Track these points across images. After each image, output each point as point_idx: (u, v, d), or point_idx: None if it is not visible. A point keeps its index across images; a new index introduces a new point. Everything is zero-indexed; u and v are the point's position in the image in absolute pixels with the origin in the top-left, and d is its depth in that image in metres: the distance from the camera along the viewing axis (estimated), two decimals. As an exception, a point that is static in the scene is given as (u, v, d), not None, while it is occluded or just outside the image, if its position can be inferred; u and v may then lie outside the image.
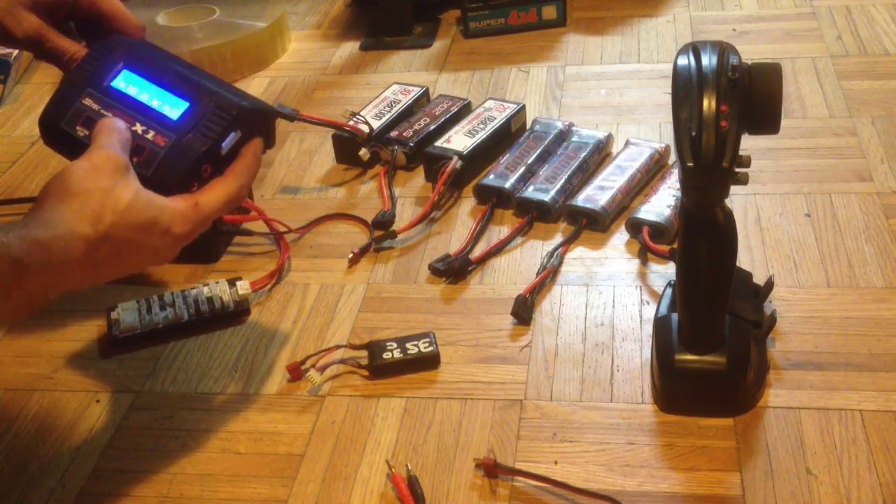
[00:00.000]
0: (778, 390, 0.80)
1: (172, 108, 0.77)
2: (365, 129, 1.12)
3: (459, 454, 0.77)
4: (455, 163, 1.05)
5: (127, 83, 0.78)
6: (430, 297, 0.94)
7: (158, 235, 0.71)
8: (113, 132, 0.73)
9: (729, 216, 0.75)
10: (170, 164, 0.75)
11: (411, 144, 1.11)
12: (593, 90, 1.26)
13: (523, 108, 1.16)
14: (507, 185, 1.04)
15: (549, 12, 1.41)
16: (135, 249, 0.70)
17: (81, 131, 0.76)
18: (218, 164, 0.77)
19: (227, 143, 0.77)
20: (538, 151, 1.08)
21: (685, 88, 0.70)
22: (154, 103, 0.77)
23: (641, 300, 0.91)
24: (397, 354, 0.85)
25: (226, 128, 0.76)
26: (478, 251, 0.98)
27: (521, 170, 1.05)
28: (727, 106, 0.69)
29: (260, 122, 0.81)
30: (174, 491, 0.77)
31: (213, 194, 0.75)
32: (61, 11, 0.80)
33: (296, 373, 0.85)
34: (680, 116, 0.70)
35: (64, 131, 0.77)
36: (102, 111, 0.77)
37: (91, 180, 0.68)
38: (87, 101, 0.77)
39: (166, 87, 0.78)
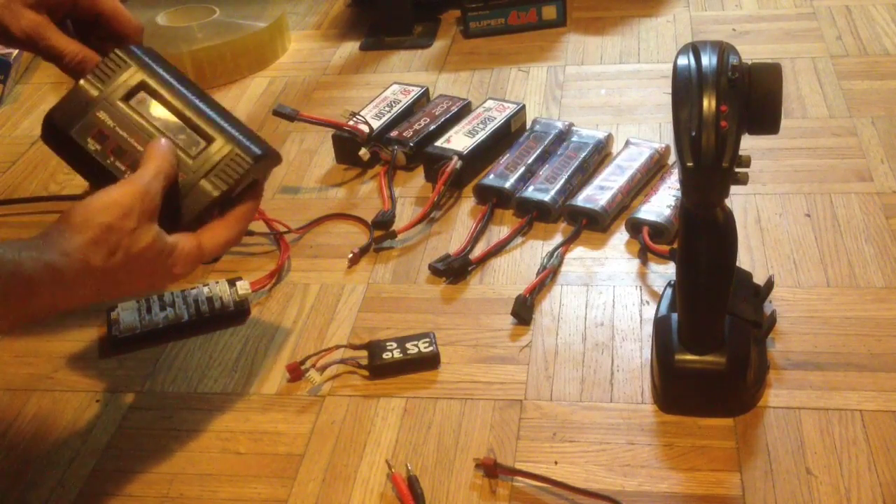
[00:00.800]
0: (778, 390, 0.80)
1: (191, 143, 0.76)
2: (365, 129, 1.12)
3: (459, 454, 0.77)
4: (455, 163, 1.05)
5: (144, 105, 0.77)
6: (430, 297, 0.94)
7: (160, 275, 0.73)
8: (165, 162, 0.73)
9: (729, 216, 0.75)
10: (185, 203, 0.75)
11: (411, 144, 1.11)
12: (593, 90, 1.26)
13: (523, 108, 1.16)
14: (507, 185, 1.04)
15: (549, 12, 1.41)
16: (136, 282, 0.72)
17: (93, 145, 0.75)
18: (226, 204, 0.77)
19: (240, 188, 0.77)
20: (538, 151, 1.08)
21: (685, 88, 0.70)
22: (172, 134, 0.76)
23: (641, 300, 0.91)
24: (397, 354, 0.85)
25: (243, 176, 0.76)
26: (478, 251, 0.98)
27: (521, 170, 1.05)
28: (727, 106, 0.69)
29: (268, 165, 0.81)
30: (174, 491, 0.77)
31: (216, 238, 0.76)
32: (61, 10, 0.80)
33: (296, 373, 0.85)
34: (680, 116, 0.70)
35: (73, 140, 0.76)
36: (118, 129, 0.76)
37: (118, 218, 0.69)
38: (102, 115, 0.76)
39: (184, 119, 0.77)
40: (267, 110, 1.26)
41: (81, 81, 0.77)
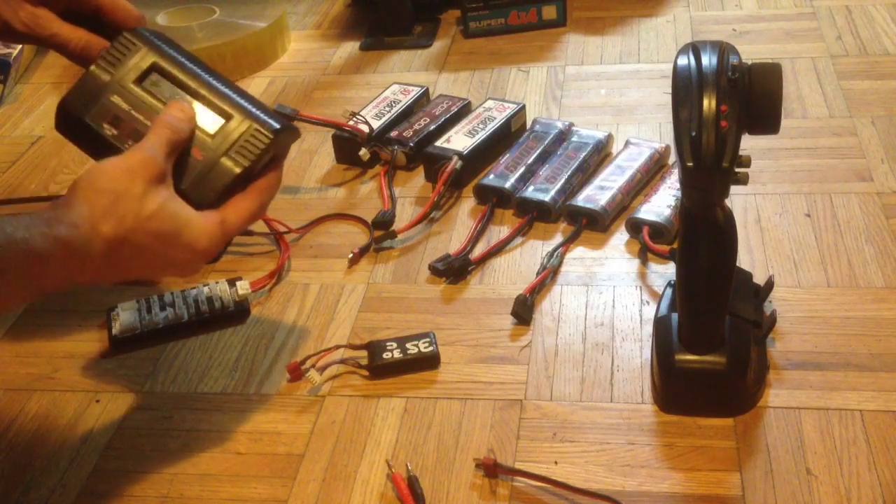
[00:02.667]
0: (778, 390, 0.80)
1: (208, 121, 0.76)
2: (365, 129, 1.12)
3: (459, 454, 0.77)
4: (455, 163, 1.05)
5: (158, 85, 0.77)
6: (430, 297, 0.94)
7: (180, 249, 0.71)
8: (167, 130, 0.72)
9: (729, 216, 0.75)
10: (207, 181, 0.74)
11: (411, 144, 1.11)
12: (593, 90, 1.26)
13: (523, 108, 1.16)
14: (507, 185, 1.04)
15: (549, 12, 1.41)
16: (153, 257, 0.70)
17: (109, 130, 0.75)
18: (248, 181, 0.76)
19: (261, 164, 0.76)
20: (538, 151, 1.08)
21: (685, 88, 0.70)
22: None
23: (641, 300, 0.91)
24: (397, 354, 0.85)
25: (264, 151, 0.75)
26: (478, 251, 0.98)
27: (521, 170, 1.05)
28: (727, 106, 0.69)
29: (288, 141, 0.80)
30: (174, 491, 0.77)
31: (238, 212, 0.74)
32: (60, 2, 0.80)
33: (296, 373, 0.85)
34: (680, 116, 0.70)
35: (88, 125, 0.76)
36: (132, 111, 0.76)
37: (122, 182, 0.68)
38: (116, 99, 0.76)
39: (200, 98, 0.77)
40: (267, 110, 1.26)
41: (92, 67, 0.77)
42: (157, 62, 0.77)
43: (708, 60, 0.70)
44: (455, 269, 0.95)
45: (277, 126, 0.77)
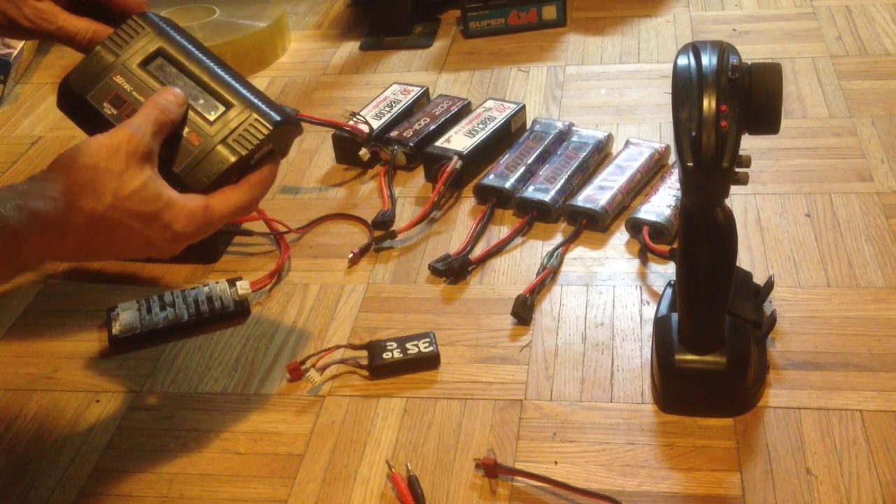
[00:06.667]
0: (778, 390, 0.80)
1: (209, 108, 0.76)
2: (365, 129, 1.12)
3: (459, 454, 0.77)
4: (455, 163, 1.05)
5: (161, 69, 0.77)
6: (430, 297, 0.94)
7: (158, 229, 0.70)
8: (156, 110, 0.72)
9: (729, 216, 0.75)
10: (201, 167, 0.74)
11: (411, 144, 1.11)
12: (593, 90, 1.26)
13: (523, 108, 1.16)
14: (507, 185, 1.04)
15: (549, 12, 1.41)
16: (131, 236, 0.69)
17: (109, 109, 0.75)
18: (244, 172, 0.76)
19: (258, 155, 0.76)
20: (538, 151, 1.08)
21: (685, 88, 0.70)
22: (191, 99, 0.76)
23: (641, 300, 0.91)
24: (397, 354, 0.85)
25: (262, 142, 0.75)
26: (478, 251, 0.98)
27: (521, 170, 1.05)
28: (727, 106, 0.69)
29: (289, 135, 0.80)
30: (174, 491, 0.77)
31: (225, 201, 0.73)
32: None
33: (296, 373, 0.85)
34: (680, 116, 0.70)
35: (89, 104, 0.76)
36: (134, 93, 0.75)
37: (104, 158, 0.67)
38: (118, 79, 0.76)
39: (203, 85, 0.76)
40: (267, 110, 1.26)
41: (98, 47, 0.77)
42: (163, 47, 0.77)
43: (708, 60, 0.70)
44: (455, 269, 0.95)
45: (278, 118, 0.77)
